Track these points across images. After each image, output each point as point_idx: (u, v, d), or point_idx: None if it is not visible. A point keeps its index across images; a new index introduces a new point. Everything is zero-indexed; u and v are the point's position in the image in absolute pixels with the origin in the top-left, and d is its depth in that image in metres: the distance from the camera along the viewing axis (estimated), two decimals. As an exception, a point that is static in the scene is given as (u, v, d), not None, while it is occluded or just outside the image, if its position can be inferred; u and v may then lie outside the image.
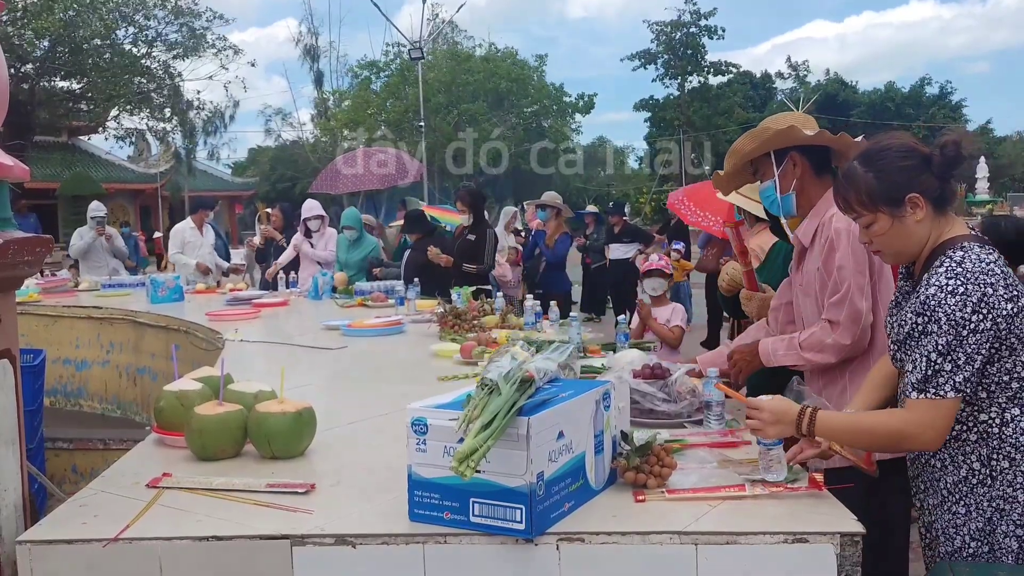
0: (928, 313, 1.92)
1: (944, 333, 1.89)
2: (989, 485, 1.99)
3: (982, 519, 2.00)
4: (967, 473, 2.02)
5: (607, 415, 1.97)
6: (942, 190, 2.02)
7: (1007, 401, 1.96)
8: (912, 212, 2.01)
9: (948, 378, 1.89)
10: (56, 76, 22.75)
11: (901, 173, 2.01)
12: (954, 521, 2.05)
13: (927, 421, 1.91)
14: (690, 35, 48.90)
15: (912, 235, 2.03)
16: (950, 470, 2.05)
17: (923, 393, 1.91)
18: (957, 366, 1.88)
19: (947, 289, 1.90)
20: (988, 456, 1.99)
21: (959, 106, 53.13)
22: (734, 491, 1.88)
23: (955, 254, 1.95)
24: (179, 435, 2.35)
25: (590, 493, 1.89)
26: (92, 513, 1.88)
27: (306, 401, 2.34)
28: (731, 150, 2.85)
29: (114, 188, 32.08)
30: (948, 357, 1.88)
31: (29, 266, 1.90)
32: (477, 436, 1.58)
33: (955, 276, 1.91)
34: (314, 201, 8.41)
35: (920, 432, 1.92)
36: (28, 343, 6.87)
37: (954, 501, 2.05)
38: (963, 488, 2.03)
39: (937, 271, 1.95)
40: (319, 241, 8.16)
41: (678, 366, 2.64)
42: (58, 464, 5.11)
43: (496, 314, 4.72)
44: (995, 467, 1.98)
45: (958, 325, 1.88)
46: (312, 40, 35.27)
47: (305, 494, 1.97)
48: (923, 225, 2.01)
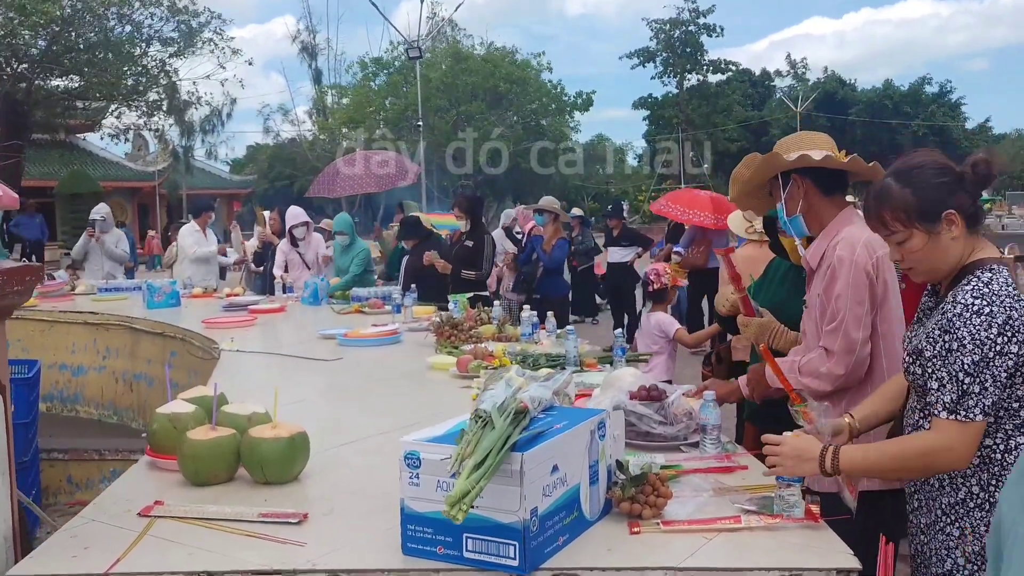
0: (953, 332, 1.92)
1: (969, 353, 1.89)
2: (987, 510, 1.98)
3: (978, 543, 1.99)
4: (965, 496, 2.01)
5: (602, 444, 1.96)
6: (975, 208, 2.03)
7: (1014, 429, 1.96)
8: (948, 229, 2.00)
9: (977, 400, 1.89)
10: (53, 75, 22.66)
11: (938, 190, 2.01)
12: (947, 543, 2.04)
13: (956, 441, 1.91)
14: (689, 33, 48.87)
15: (947, 252, 2.02)
16: (948, 491, 2.04)
17: (953, 415, 1.90)
18: (985, 389, 1.88)
19: (972, 309, 1.90)
20: (988, 482, 1.98)
21: (958, 104, 53.12)
22: (730, 523, 1.87)
23: (983, 275, 1.95)
24: (172, 458, 2.33)
25: (585, 524, 1.87)
26: (83, 545, 1.87)
27: (299, 425, 2.33)
28: (732, 177, 2.87)
29: (112, 186, 32.02)
30: (976, 379, 1.88)
31: (19, 296, 1.88)
32: (470, 477, 1.57)
33: (981, 296, 1.91)
34: (298, 208, 8.38)
35: (949, 452, 1.92)
36: (24, 348, 6.86)
37: (948, 522, 2.04)
38: (960, 510, 2.02)
39: (964, 289, 1.95)
40: (306, 248, 8.14)
41: (675, 388, 2.63)
42: (53, 475, 5.09)
43: (493, 323, 4.70)
44: (994, 494, 1.97)
45: (983, 346, 1.88)
46: (310, 38, 35.25)
47: (298, 524, 1.95)
48: (957, 243, 2.01)
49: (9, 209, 2.35)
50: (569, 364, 3.60)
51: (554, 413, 1.93)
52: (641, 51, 49.48)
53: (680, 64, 49.31)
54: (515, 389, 1.90)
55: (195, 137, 31.16)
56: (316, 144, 34.92)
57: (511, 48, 36.23)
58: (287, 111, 37.37)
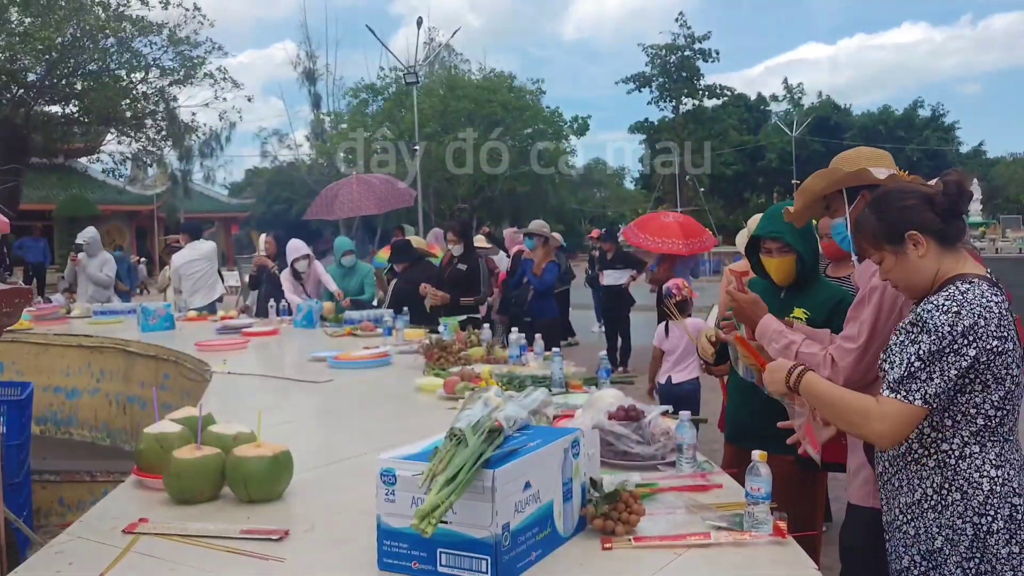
0: (920, 324, 2.03)
1: (929, 343, 1.99)
2: (939, 512, 2.06)
3: (931, 544, 2.07)
4: (920, 497, 2.10)
5: (576, 462, 2.01)
6: (945, 227, 2.13)
7: (969, 436, 2.04)
8: (914, 248, 2.13)
9: (920, 386, 1.99)
10: (52, 101, 22.83)
11: (900, 212, 2.15)
12: (904, 540, 2.14)
13: (888, 416, 2.01)
14: (685, 58, 49.29)
15: (917, 270, 2.14)
16: (905, 491, 2.14)
17: (895, 393, 2.01)
18: (931, 378, 1.98)
19: (943, 308, 2.01)
20: (941, 484, 2.07)
21: (952, 128, 53.55)
22: (699, 539, 1.91)
23: (961, 285, 2.06)
24: (158, 477, 2.37)
25: (558, 541, 1.92)
26: (67, 560, 1.91)
27: (283, 444, 2.37)
28: (801, 188, 2.90)
29: (110, 210, 32.18)
30: (926, 367, 1.98)
31: (8, 317, 1.93)
32: (440, 492, 1.62)
33: (953, 300, 2.02)
34: (299, 242, 8.34)
35: (879, 422, 2.02)
36: (19, 370, 6.90)
37: (905, 521, 2.14)
38: (915, 510, 2.11)
39: (939, 293, 2.06)
40: (307, 280, 8.14)
41: (652, 408, 2.68)
42: (45, 497, 5.12)
43: (483, 345, 4.75)
44: (947, 497, 2.06)
45: (942, 339, 1.98)
46: (309, 63, 35.50)
47: (279, 540, 1.99)
48: (927, 260, 2.13)
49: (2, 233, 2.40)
50: (555, 386, 3.64)
51: (529, 432, 1.98)
52: (637, 76, 49.92)
53: (676, 89, 49.71)
54: (492, 409, 1.95)
55: (193, 161, 31.31)
56: (314, 168, 35.07)
57: (507, 73, 36.55)
58: (285, 135, 37.56)
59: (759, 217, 3.75)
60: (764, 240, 3.25)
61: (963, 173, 2.20)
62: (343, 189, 11.85)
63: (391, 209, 12.97)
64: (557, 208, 38.27)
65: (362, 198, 11.44)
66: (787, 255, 3.16)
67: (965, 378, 2.00)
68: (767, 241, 3.23)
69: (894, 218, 2.15)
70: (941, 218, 2.13)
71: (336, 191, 11.97)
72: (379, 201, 11.65)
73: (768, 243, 3.22)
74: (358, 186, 11.73)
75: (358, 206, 11.58)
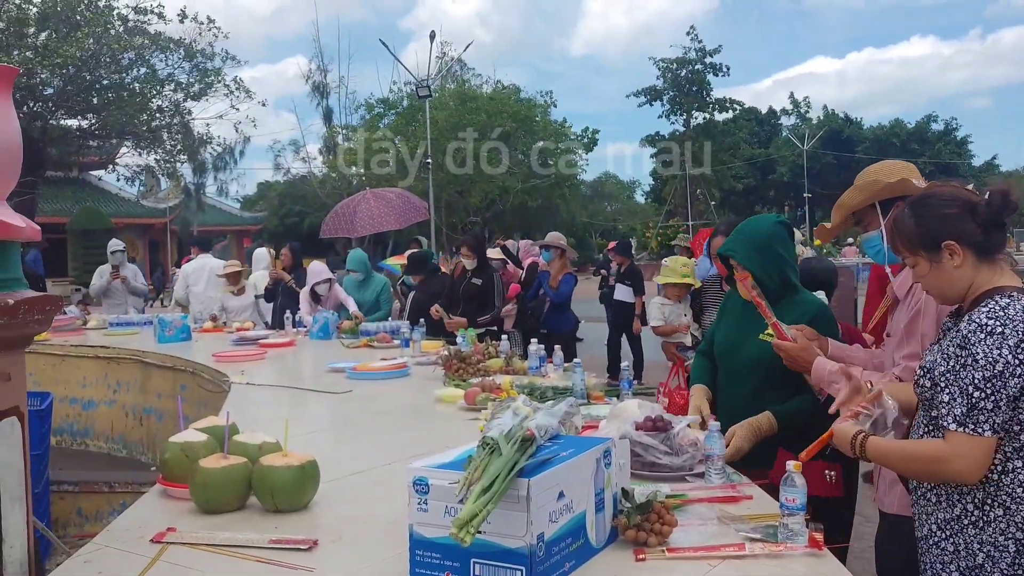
0: (967, 348, 1.98)
1: (980, 369, 1.94)
2: (980, 528, 2.02)
3: (971, 560, 2.02)
4: (960, 513, 2.05)
5: (608, 472, 1.99)
6: (985, 238, 2.08)
7: (1013, 451, 1.99)
8: (950, 259, 2.09)
9: (988, 417, 1.94)
10: (69, 115, 23.04)
11: (940, 221, 2.10)
12: (942, 557, 2.09)
13: (965, 452, 1.96)
14: (696, 72, 49.35)
15: (951, 280, 2.11)
16: (944, 507, 2.09)
17: (963, 427, 1.96)
18: (998, 406, 1.93)
19: (987, 328, 1.96)
20: (983, 500, 2.02)
21: (964, 142, 53.41)
22: (733, 550, 1.89)
23: (1001, 299, 2.01)
24: (184, 487, 2.36)
25: (591, 551, 1.90)
26: (96, 570, 1.90)
27: (309, 454, 2.36)
28: (839, 203, 2.87)
29: (123, 223, 32.38)
30: (987, 395, 1.93)
31: (39, 324, 1.93)
32: (477, 500, 1.60)
33: (996, 318, 1.97)
34: (320, 265, 8.26)
35: (957, 461, 1.97)
36: (36, 382, 6.92)
37: (943, 537, 2.09)
38: (954, 527, 2.06)
39: (980, 310, 2.01)
40: (327, 303, 8.10)
41: (680, 418, 2.65)
42: (63, 507, 5.12)
43: (501, 357, 4.74)
44: (988, 513, 2.01)
45: (995, 363, 1.93)
46: (321, 77, 35.65)
47: (308, 550, 1.98)
48: (963, 271, 2.09)
49: (32, 241, 2.40)
50: (577, 397, 3.62)
51: (560, 441, 1.96)
52: (648, 89, 49.99)
53: (687, 103, 49.76)
54: (522, 418, 1.94)
55: (206, 174, 31.48)
56: (327, 182, 35.19)
57: (518, 87, 36.64)
58: (298, 148, 37.68)
59: None
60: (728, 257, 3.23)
61: (1012, 184, 2.17)
62: (361, 205, 11.78)
63: (410, 224, 12.96)
64: (568, 221, 38.28)
65: (382, 214, 11.42)
66: (746, 272, 3.10)
67: (1020, 397, 1.96)
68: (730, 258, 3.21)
69: (932, 226, 2.11)
70: (982, 229, 2.08)
71: (354, 207, 11.88)
72: (398, 216, 11.64)
73: (732, 260, 3.19)
74: (375, 202, 11.69)
75: (379, 222, 11.53)
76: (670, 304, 4.99)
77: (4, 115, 1.91)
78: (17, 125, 1.97)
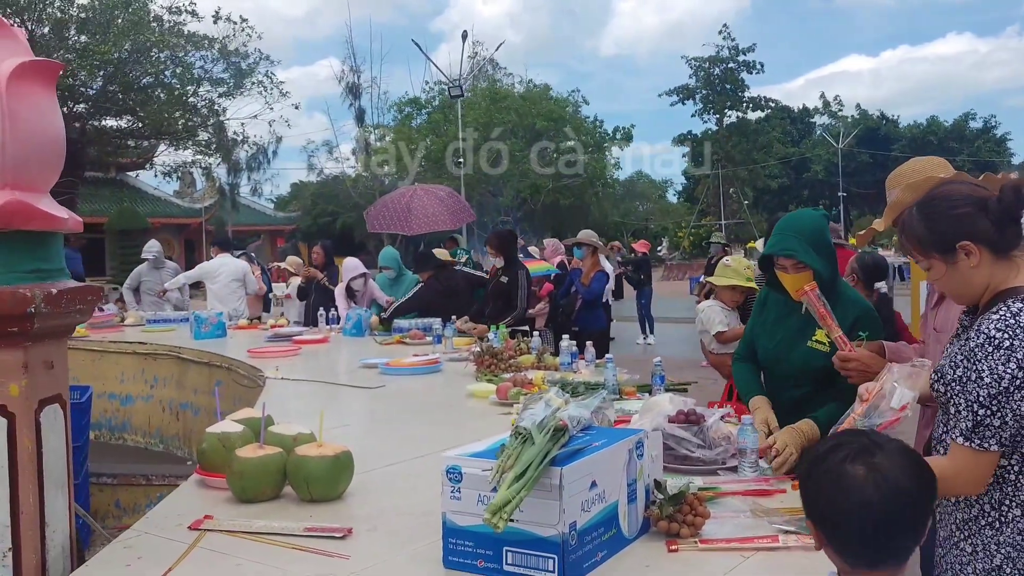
0: (973, 362, 1.93)
1: (986, 386, 1.89)
2: (997, 529, 1.98)
3: (989, 562, 1.99)
4: (977, 513, 2.01)
5: (640, 464, 1.99)
6: (1000, 235, 2.02)
7: None
8: (966, 259, 2.02)
9: (995, 432, 1.89)
10: (107, 115, 23.43)
11: (950, 222, 2.03)
12: (960, 558, 2.05)
13: (970, 467, 1.92)
14: (729, 70, 48.99)
15: (968, 281, 2.04)
16: (962, 507, 2.05)
17: (969, 441, 1.92)
18: (1005, 423, 1.89)
19: (994, 342, 1.90)
20: (1000, 501, 1.98)
21: (1004, 140, 52.51)
22: (767, 542, 1.88)
23: (1013, 305, 1.95)
24: (221, 476, 2.40)
25: (623, 542, 1.90)
26: (136, 555, 1.94)
27: (344, 445, 2.38)
28: (892, 203, 2.81)
29: (160, 222, 32.81)
30: (992, 412, 1.89)
31: (81, 314, 1.97)
32: (510, 487, 1.61)
33: (1005, 328, 1.91)
34: (355, 260, 8.27)
35: (961, 477, 1.93)
36: (75, 377, 7.00)
37: (961, 538, 2.04)
38: (972, 527, 2.02)
39: (990, 319, 1.95)
40: (362, 299, 8.14)
41: (713, 411, 2.65)
42: (102, 499, 5.20)
43: (532, 353, 4.74)
44: (1006, 513, 1.97)
45: (1000, 380, 1.88)
46: (354, 78, 35.91)
47: (342, 538, 2.00)
48: (980, 270, 2.02)
49: (75, 233, 2.45)
50: (608, 392, 3.61)
51: (592, 432, 1.97)
52: (680, 88, 49.71)
53: (720, 101, 49.41)
54: (555, 409, 1.94)
55: (241, 174, 31.85)
56: (359, 182, 35.43)
57: (549, 86, 36.66)
58: (331, 148, 37.99)
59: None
60: (777, 257, 3.03)
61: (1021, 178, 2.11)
62: (415, 202, 11.29)
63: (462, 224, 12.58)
64: (599, 221, 38.21)
65: (437, 212, 11.03)
66: (803, 271, 2.92)
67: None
68: (780, 258, 3.01)
69: (944, 227, 2.04)
70: (996, 226, 2.02)
71: (407, 203, 11.37)
72: (452, 216, 11.19)
73: (782, 260, 3.00)
74: (428, 199, 11.24)
75: (434, 221, 11.09)
76: (728, 310, 4.71)
77: (49, 109, 1.95)
78: (61, 120, 2.01)
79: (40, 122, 1.90)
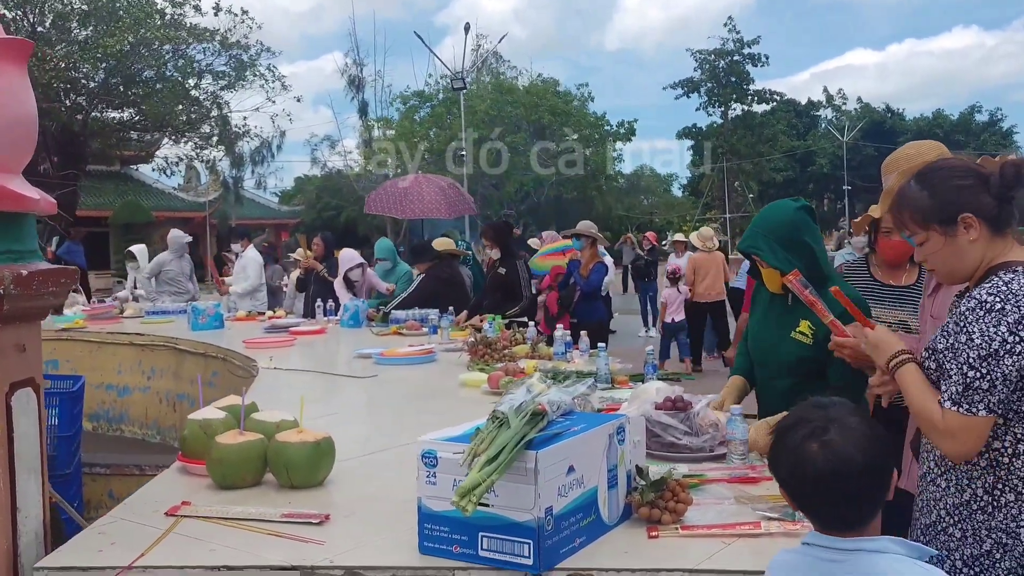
0: (964, 326, 1.90)
1: (976, 347, 1.86)
2: (989, 514, 1.93)
3: (978, 547, 1.94)
4: (969, 498, 1.97)
5: (621, 449, 1.96)
6: (1000, 211, 2.00)
7: (1023, 433, 1.91)
8: (965, 232, 1.99)
9: (983, 396, 1.85)
10: (109, 107, 23.38)
11: (954, 192, 2.00)
12: (948, 543, 2.00)
13: (957, 433, 1.88)
14: (734, 63, 48.83)
15: (965, 255, 2.01)
16: (952, 492, 2.00)
17: (957, 406, 1.88)
18: (993, 385, 1.85)
19: (986, 305, 1.88)
20: (993, 485, 1.94)
21: (1010, 133, 52.31)
22: (749, 528, 1.85)
23: (1005, 275, 1.92)
24: (202, 463, 2.38)
25: (603, 528, 1.87)
26: (110, 540, 1.91)
27: (325, 432, 2.36)
28: (888, 189, 2.79)
29: (163, 216, 32.81)
30: (982, 374, 1.85)
31: (54, 296, 1.94)
32: (482, 470, 1.58)
33: (997, 293, 1.88)
34: (351, 252, 8.28)
35: (949, 439, 1.90)
36: (73, 368, 7.02)
37: (951, 523, 2.00)
38: (963, 512, 1.97)
39: (982, 286, 1.93)
40: (361, 290, 8.13)
41: (700, 398, 2.61)
42: (95, 489, 5.19)
43: (527, 343, 4.72)
44: (999, 498, 1.93)
45: (991, 341, 1.85)
46: (357, 71, 35.80)
47: (319, 524, 1.98)
48: (977, 246, 1.99)
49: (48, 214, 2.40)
50: (600, 381, 3.59)
51: (573, 417, 1.94)
52: (685, 81, 49.59)
53: (725, 94, 49.26)
54: (535, 394, 1.91)
55: (245, 168, 31.77)
56: (363, 175, 35.38)
57: (555, 80, 36.54)
58: (334, 143, 37.91)
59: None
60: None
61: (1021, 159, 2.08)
62: (412, 188, 11.30)
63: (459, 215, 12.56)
64: (603, 214, 38.11)
65: (433, 200, 10.98)
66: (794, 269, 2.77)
67: (1021, 374, 1.89)
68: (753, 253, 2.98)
69: (949, 197, 2.01)
70: (996, 200, 1.99)
71: (404, 188, 11.40)
72: (449, 206, 11.18)
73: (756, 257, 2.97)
74: (427, 187, 11.24)
75: (429, 208, 11.05)
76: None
77: (20, 89, 1.92)
78: (33, 100, 1.98)
79: (10, 102, 1.87)
